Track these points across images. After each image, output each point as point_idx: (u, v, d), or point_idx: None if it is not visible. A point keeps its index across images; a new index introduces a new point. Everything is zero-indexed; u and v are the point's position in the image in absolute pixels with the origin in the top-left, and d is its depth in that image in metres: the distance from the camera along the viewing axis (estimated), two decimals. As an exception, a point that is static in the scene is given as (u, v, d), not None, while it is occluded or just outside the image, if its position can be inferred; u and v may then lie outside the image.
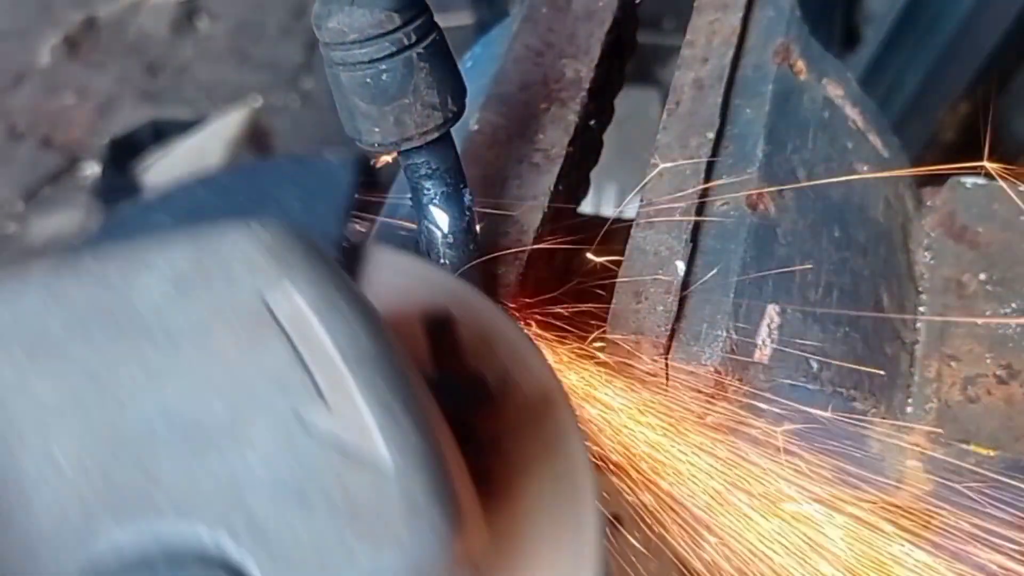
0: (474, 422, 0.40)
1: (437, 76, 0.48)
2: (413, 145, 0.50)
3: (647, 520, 0.63)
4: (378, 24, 0.46)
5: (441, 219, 0.51)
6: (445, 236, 0.51)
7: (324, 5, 0.47)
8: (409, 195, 0.54)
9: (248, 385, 0.29)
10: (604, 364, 0.54)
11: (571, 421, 0.44)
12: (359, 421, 0.29)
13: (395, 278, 0.49)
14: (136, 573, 0.27)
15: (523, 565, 0.40)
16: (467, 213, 0.52)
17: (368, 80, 0.48)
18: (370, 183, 0.53)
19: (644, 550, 0.67)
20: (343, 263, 0.47)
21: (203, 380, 0.29)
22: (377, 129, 0.49)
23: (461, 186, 0.51)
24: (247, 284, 0.31)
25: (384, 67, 0.47)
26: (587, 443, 0.44)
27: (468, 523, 0.30)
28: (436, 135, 0.49)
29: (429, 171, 0.50)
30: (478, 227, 0.54)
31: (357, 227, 0.53)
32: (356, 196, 0.50)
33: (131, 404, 0.29)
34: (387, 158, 0.61)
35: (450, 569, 0.29)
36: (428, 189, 0.51)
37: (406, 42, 0.47)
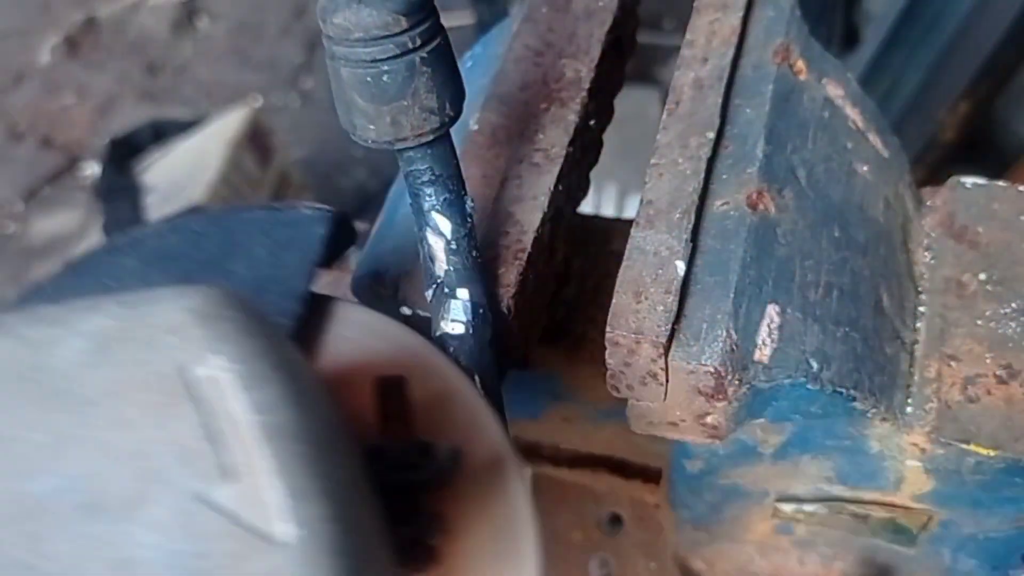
0: (419, 493, 0.39)
1: (438, 80, 0.48)
2: (407, 145, 0.50)
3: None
4: (384, 25, 0.46)
5: (444, 225, 0.51)
6: (448, 243, 0.51)
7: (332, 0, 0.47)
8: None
9: (154, 458, 0.28)
10: None
11: (522, 495, 0.43)
12: (265, 497, 0.28)
13: (356, 334, 0.49)
14: None
15: None
16: (468, 219, 0.52)
17: (369, 79, 0.48)
18: (346, 236, 0.53)
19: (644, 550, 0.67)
20: (304, 318, 0.46)
21: (110, 451, 0.28)
22: (372, 127, 0.49)
23: (462, 192, 0.51)
24: (169, 353, 0.30)
25: (386, 68, 0.47)
26: (536, 518, 0.43)
27: None
28: (431, 137, 0.49)
29: (431, 177, 0.50)
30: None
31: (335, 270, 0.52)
32: (327, 250, 0.49)
33: (34, 474, 0.28)
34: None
35: None
36: (430, 195, 0.51)
37: (410, 45, 0.47)
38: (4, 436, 0.29)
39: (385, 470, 0.37)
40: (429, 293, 0.53)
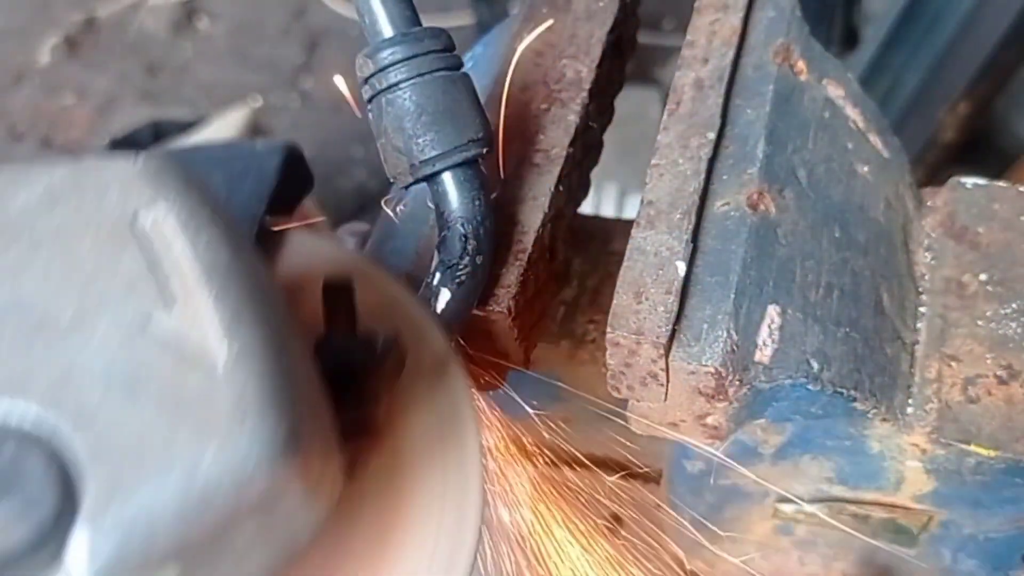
0: (361, 378, 0.41)
1: (405, 122, 0.51)
2: (401, 184, 0.53)
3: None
4: (362, 68, 0.51)
5: (435, 259, 0.53)
6: (431, 273, 0.52)
7: None
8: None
9: (100, 287, 0.31)
10: None
11: (464, 393, 0.46)
12: (203, 322, 0.30)
13: (308, 253, 0.52)
14: None
15: (402, 517, 0.42)
16: (455, 258, 0.52)
17: (369, 118, 0.53)
18: (300, 169, 0.54)
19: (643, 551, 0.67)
20: (261, 243, 0.49)
21: (58, 279, 0.31)
22: (383, 163, 0.53)
23: (461, 234, 0.52)
24: (118, 201, 0.32)
25: (370, 108, 0.52)
26: (479, 414, 0.47)
27: (305, 439, 0.31)
28: (411, 179, 0.52)
29: (437, 211, 0.52)
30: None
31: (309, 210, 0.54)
32: (280, 181, 0.52)
33: None
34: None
35: (277, 479, 0.29)
36: (439, 227, 0.53)
37: (378, 87, 0.51)
38: None
39: (330, 357, 0.39)
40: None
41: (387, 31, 0.51)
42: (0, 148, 2.67)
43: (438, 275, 0.52)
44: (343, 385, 0.38)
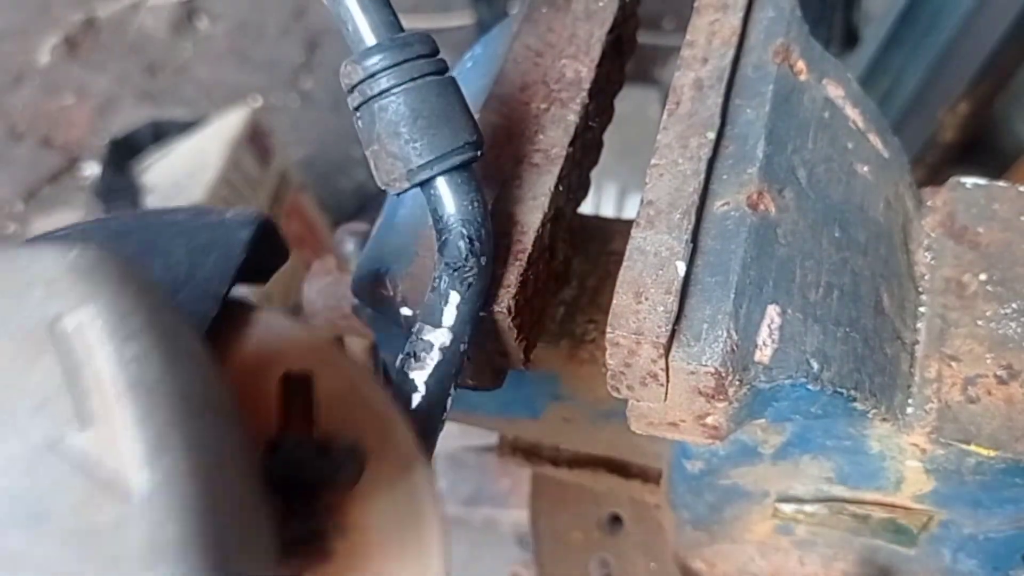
0: (317, 489, 0.39)
1: (400, 127, 0.50)
2: (392, 191, 0.52)
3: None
4: (349, 74, 0.51)
5: (437, 263, 0.52)
6: (435, 278, 0.52)
7: None
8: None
9: (13, 400, 0.28)
10: None
11: (427, 495, 0.43)
12: (121, 446, 0.27)
13: (270, 336, 0.49)
14: None
15: None
16: (461, 262, 0.52)
17: (357, 125, 0.52)
18: (273, 242, 0.52)
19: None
20: (217, 319, 0.46)
21: None
22: (371, 170, 0.53)
23: (463, 237, 0.52)
24: (39, 304, 0.29)
25: (357, 115, 0.52)
26: (443, 524, 0.44)
27: (236, 570, 0.28)
28: (407, 184, 0.51)
29: (435, 217, 0.52)
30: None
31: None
32: (248, 255, 0.49)
33: None
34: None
35: None
36: (438, 233, 0.52)
37: (369, 93, 0.51)
38: None
39: (281, 464, 0.37)
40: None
41: (373, 38, 0.51)
42: (0, 148, 2.67)
43: (444, 279, 0.52)
44: (293, 494, 0.36)
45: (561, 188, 0.60)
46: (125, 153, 2.16)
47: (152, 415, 0.28)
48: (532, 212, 0.59)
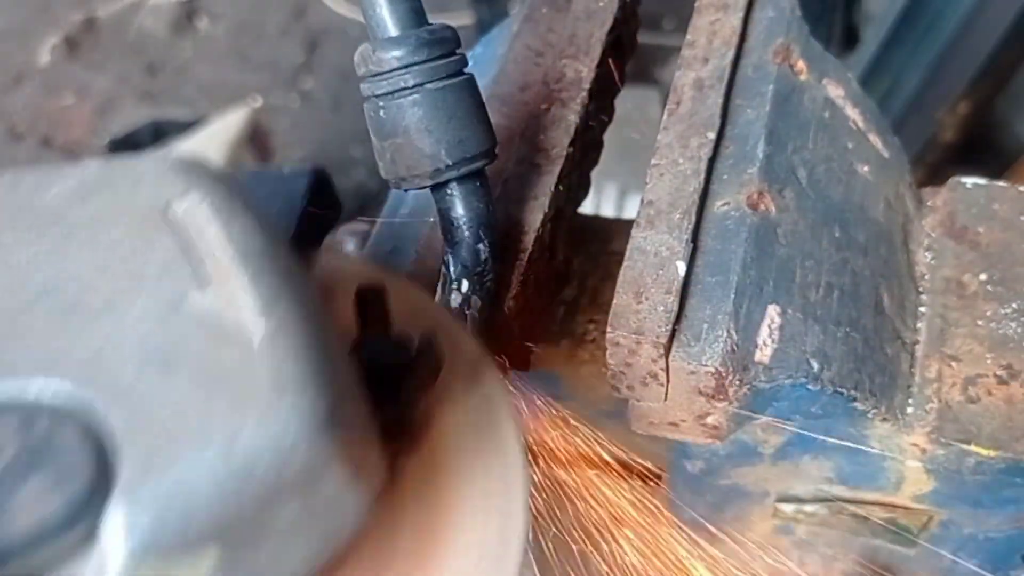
0: (397, 380, 0.41)
1: (431, 124, 0.49)
2: (409, 187, 0.51)
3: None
4: (382, 62, 0.49)
5: (453, 266, 0.52)
6: (453, 281, 0.52)
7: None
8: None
9: (134, 270, 0.31)
10: None
11: (500, 393, 0.45)
12: (238, 301, 0.30)
13: (336, 272, 0.51)
14: None
15: (444, 523, 0.41)
16: (480, 265, 0.52)
17: (372, 114, 0.50)
18: (328, 194, 0.54)
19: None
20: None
21: (91, 264, 0.31)
22: (381, 163, 0.52)
23: (479, 238, 0.51)
24: (151, 192, 0.33)
25: (382, 104, 0.50)
26: (517, 419, 0.46)
27: (344, 417, 0.30)
28: (430, 182, 0.50)
29: (450, 217, 0.51)
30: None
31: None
32: (307, 204, 0.51)
33: (18, 279, 0.31)
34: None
35: (318, 455, 0.29)
36: (450, 234, 0.52)
37: (402, 84, 0.49)
38: None
39: (366, 358, 0.39)
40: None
41: (402, 27, 0.49)
42: (0, 148, 2.67)
43: (465, 283, 0.51)
44: (379, 386, 0.38)
45: (561, 188, 0.60)
46: (125, 153, 2.16)
47: (262, 275, 0.31)
48: (532, 212, 0.59)
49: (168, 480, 0.27)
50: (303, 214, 0.50)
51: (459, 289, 0.51)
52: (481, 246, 0.51)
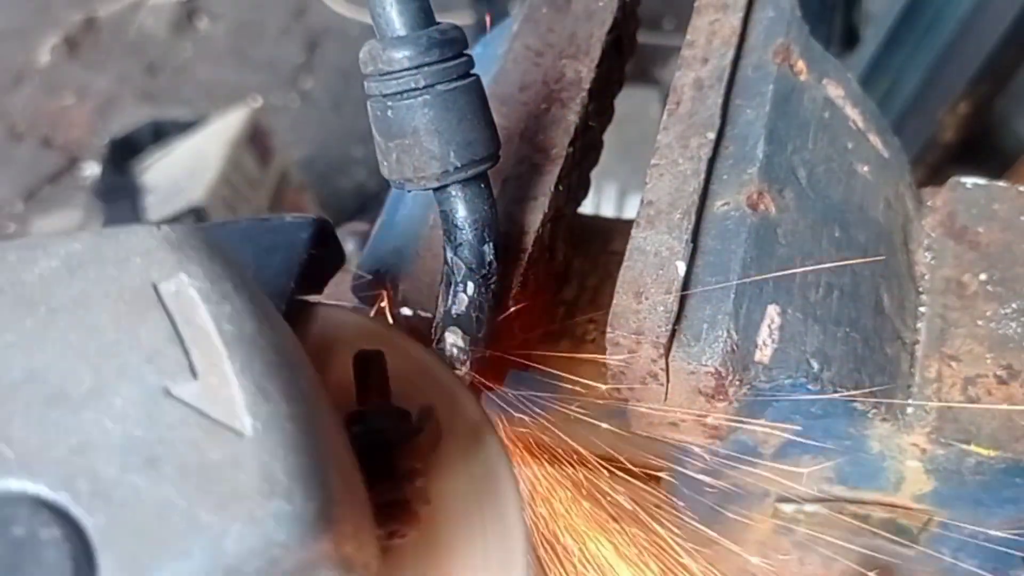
0: (396, 456, 0.40)
1: (441, 125, 0.48)
2: (414, 188, 0.51)
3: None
4: (392, 61, 0.48)
5: (458, 268, 0.52)
6: (459, 283, 0.52)
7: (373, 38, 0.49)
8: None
9: (120, 358, 0.30)
10: None
11: (501, 459, 0.44)
12: (226, 394, 0.29)
13: (335, 330, 0.50)
14: None
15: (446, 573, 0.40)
16: (485, 267, 0.51)
17: (378, 113, 0.49)
18: (331, 242, 0.53)
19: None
20: (290, 317, 0.48)
21: (75, 350, 0.30)
22: (386, 164, 0.51)
23: (485, 240, 0.51)
24: (138, 271, 0.32)
25: (391, 104, 0.49)
26: (519, 485, 0.45)
27: (337, 516, 0.29)
28: (436, 184, 0.50)
29: (455, 220, 0.51)
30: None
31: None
32: (310, 255, 0.51)
33: (2, 367, 0.30)
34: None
35: (308, 559, 0.28)
36: (452, 237, 0.51)
37: (414, 85, 0.48)
38: None
39: (364, 431, 0.39)
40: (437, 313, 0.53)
41: (412, 26, 0.48)
42: (0, 148, 2.67)
43: (471, 285, 0.51)
44: (377, 461, 0.37)
45: (561, 188, 0.60)
46: (125, 153, 2.16)
47: (252, 366, 0.30)
48: (532, 212, 0.59)
49: None
50: (305, 263, 0.50)
51: (465, 292, 0.51)
52: (486, 248, 0.51)
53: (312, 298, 0.51)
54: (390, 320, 0.57)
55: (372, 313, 0.57)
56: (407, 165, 0.50)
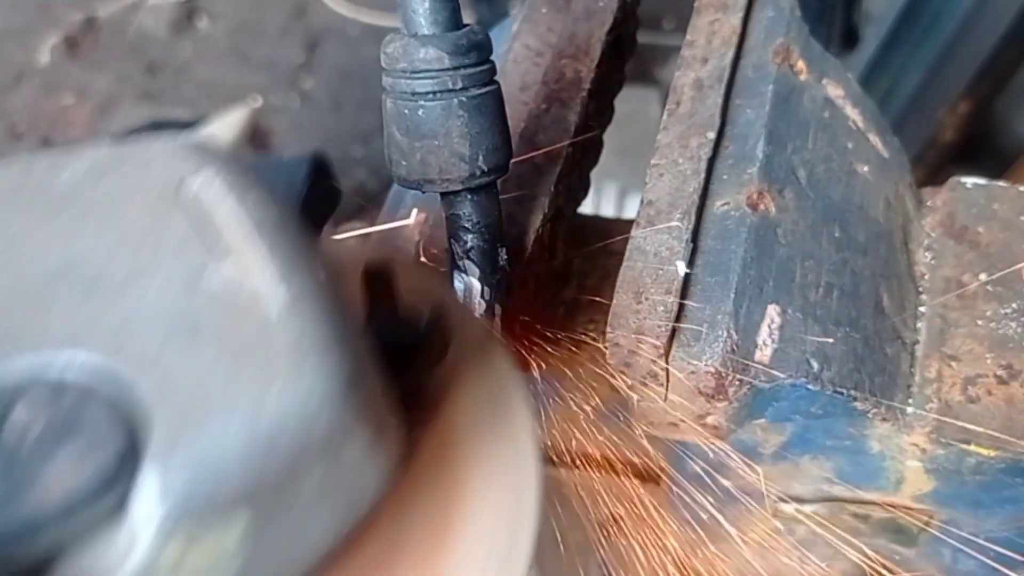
0: (407, 357, 0.41)
1: (474, 128, 0.48)
2: (436, 189, 0.50)
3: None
4: (429, 60, 0.47)
5: (472, 272, 0.52)
6: (474, 289, 0.52)
7: (397, 33, 0.48)
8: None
9: (153, 245, 0.31)
10: None
11: (509, 368, 0.45)
12: (257, 271, 0.31)
13: (342, 256, 0.51)
14: (13, 397, 0.28)
15: (458, 503, 0.41)
16: (499, 272, 0.52)
17: (406, 112, 0.48)
18: (328, 179, 0.53)
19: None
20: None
21: (110, 240, 0.31)
22: (404, 163, 0.50)
23: (497, 244, 0.51)
24: (164, 170, 0.33)
25: (423, 103, 0.48)
26: (529, 400, 0.45)
27: (366, 381, 0.31)
28: (459, 187, 0.49)
29: (468, 224, 0.51)
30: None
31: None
32: (309, 192, 0.51)
33: (37, 257, 0.31)
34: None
35: (342, 419, 0.29)
36: (464, 241, 0.51)
37: (451, 86, 0.47)
38: (16, 237, 0.32)
39: (374, 335, 0.39)
40: None
41: (444, 26, 0.47)
42: (0, 148, 2.67)
43: (487, 290, 0.51)
44: (390, 364, 0.38)
45: (561, 188, 0.60)
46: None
47: (279, 246, 0.32)
48: (532, 212, 0.59)
49: (198, 447, 0.27)
50: (303, 200, 0.50)
51: (483, 297, 0.51)
52: (501, 252, 0.51)
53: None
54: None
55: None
56: (432, 166, 0.49)
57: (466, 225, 0.51)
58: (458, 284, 0.52)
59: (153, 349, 0.29)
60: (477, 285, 0.51)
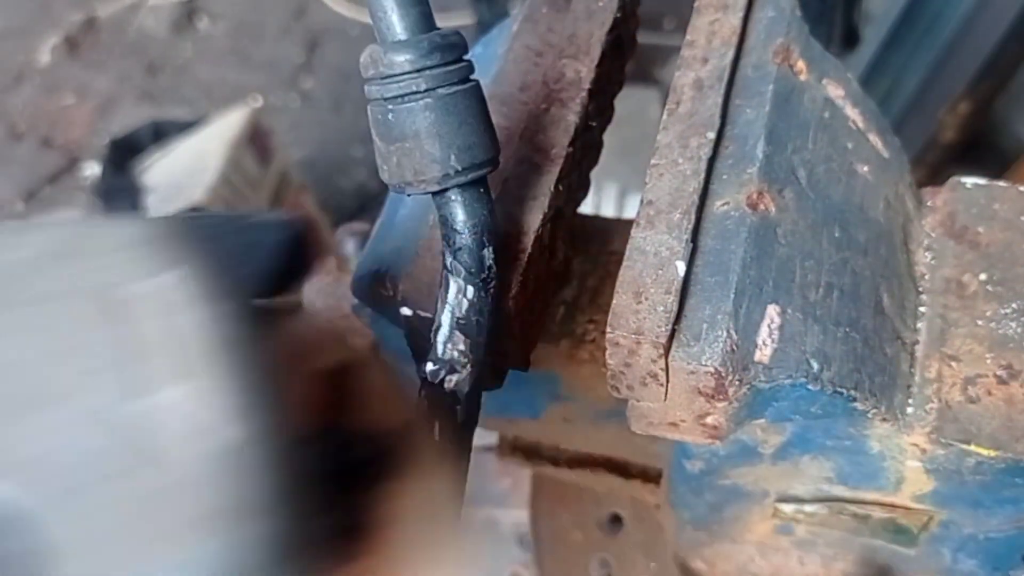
0: (360, 477, 0.39)
1: (443, 128, 0.49)
2: (415, 191, 0.50)
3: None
4: (394, 65, 0.48)
5: (458, 272, 0.51)
6: (461, 289, 0.51)
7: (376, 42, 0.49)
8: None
9: (78, 365, 0.29)
10: None
11: (450, 498, 0.44)
12: (202, 404, 0.28)
13: (311, 339, 0.49)
14: None
15: None
16: (485, 272, 0.51)
17: (379, 117, 0.50)
18: (302, 245, 0.52)
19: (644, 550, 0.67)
20: (256, 320, 0.47)
21: (41, 350, 0.29)
22: (386, 167, 0.51)
23: (484, 244, 0.51)
24: (116, 267, 0.31)
25: (391, 107, 0.49)
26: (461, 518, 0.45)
27: (304, 538, 0.29)
28: (437, 187, 0.50)
29: (455, 224, 0.51)
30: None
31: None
32: (283, 258, 0.48)
33: None
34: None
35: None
36: (451, 242, 0.51)
37: (415, 88, 0.48)
38: None
39: (327, 451, 0.37)
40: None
41: (412, 31, 0.48)
42: (0, 148, 2.67)
43: (471, 290, 0.51)
44: (339, 482, 0.36)
45: (561, 188, 0.60)
46: (125, 153, 2.16)
47: (244, 371, 0.29)
48: (532, 212, 0.59)
49: None
50: (268, 268, 0.48)
51: (466, 296, 0.51)
52: (486, 252, 0.51)
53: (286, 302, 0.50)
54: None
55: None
56: (407, 168, 0.50)
57: (453, 225, 0.51)
58: (451, 285, 0.52)
59: (72, 485, 0.26)
60: (463, 285, 0.51)
